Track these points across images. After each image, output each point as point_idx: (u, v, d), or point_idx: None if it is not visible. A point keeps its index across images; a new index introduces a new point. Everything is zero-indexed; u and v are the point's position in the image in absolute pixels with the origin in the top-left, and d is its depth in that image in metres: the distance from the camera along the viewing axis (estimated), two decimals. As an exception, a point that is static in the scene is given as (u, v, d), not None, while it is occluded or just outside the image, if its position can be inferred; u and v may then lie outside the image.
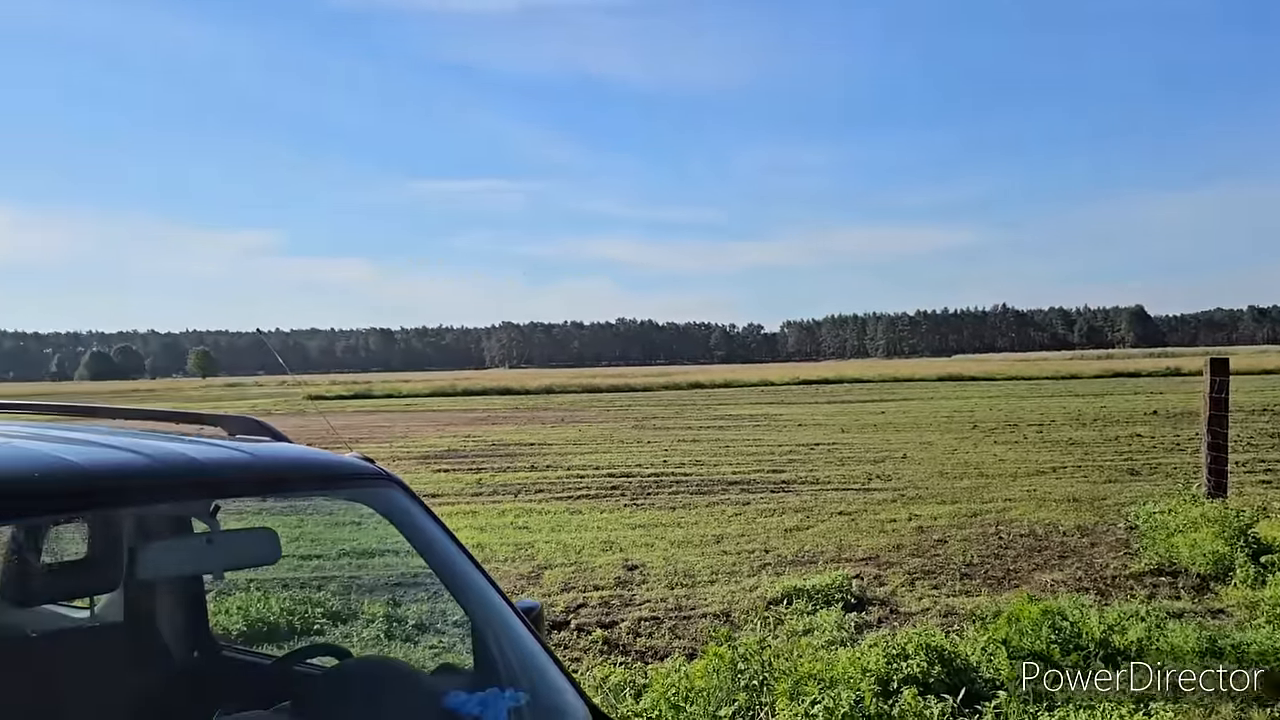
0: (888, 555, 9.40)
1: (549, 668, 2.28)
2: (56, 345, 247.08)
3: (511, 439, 23.19)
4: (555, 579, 8.67)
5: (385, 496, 2.32)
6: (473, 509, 12.59)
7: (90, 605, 2.81)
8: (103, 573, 2.55)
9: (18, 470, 1.74)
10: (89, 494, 1.79)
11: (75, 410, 3.16)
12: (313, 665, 2.63)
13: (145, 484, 1.89)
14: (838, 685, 4.97)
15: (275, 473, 2.18)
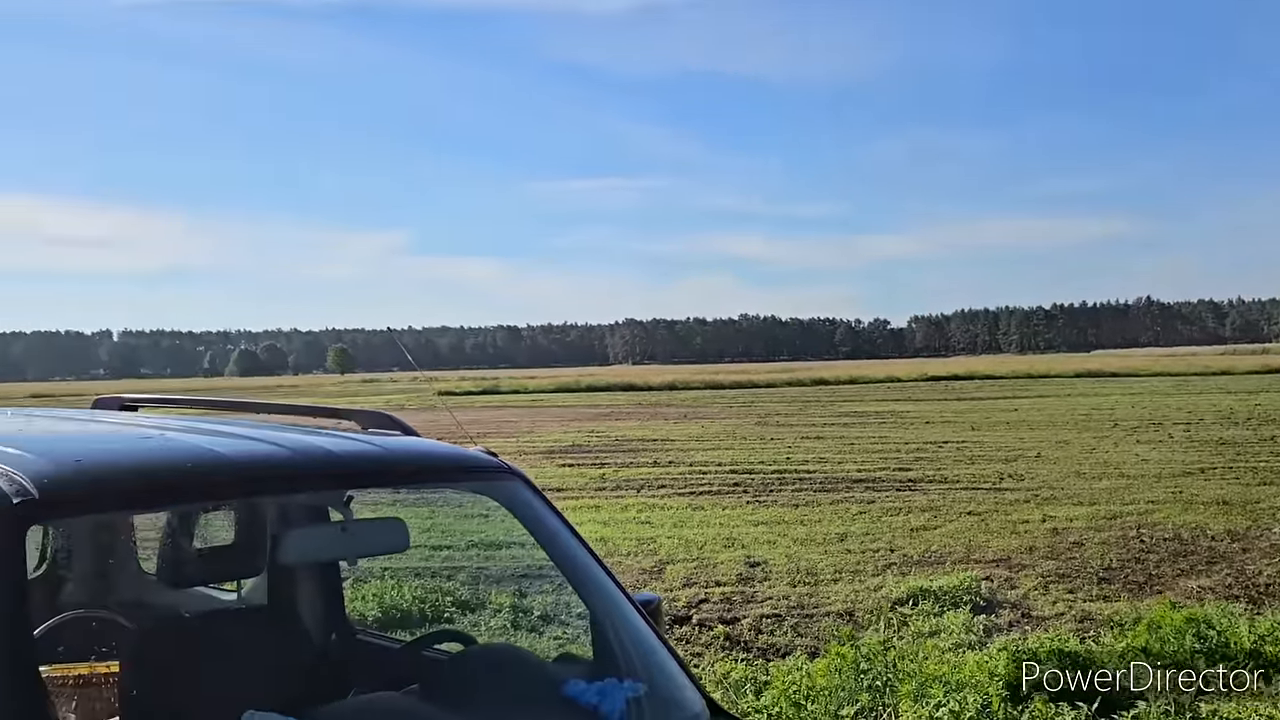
0: (1019, 557, 9.11)
1: (667, 661, 2.30)
2: (208, 344, 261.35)
3: (635, 435, 23.38)
4: (677, 574, 8.71)
5: (508, 490, 2.39)
6: (596, 504, 12.76)
7: (238, 588, 2.98)
8: (248, 558, 2.70)
9: (172, 462, 1.87)
10: (235, 484, 1.91)
11: (222, 405, 3.36)
12: (439, 650, 2.73)
13: (286, 475, 2.00)
14: (964, 689, 4.86)
15: (404, 465, 2.28)
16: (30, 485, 1.60)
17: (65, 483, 1.67)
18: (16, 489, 1.59)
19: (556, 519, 2.43)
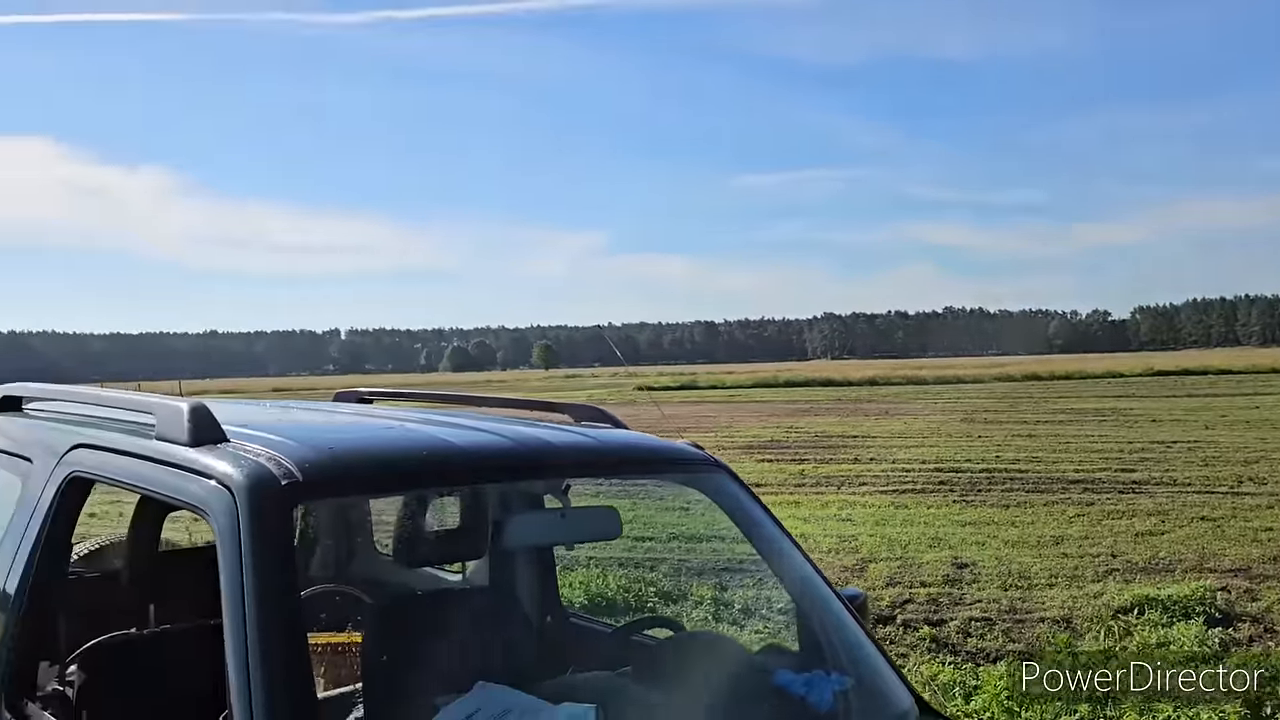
0: (1262, 567, 8.38)
1: (874, 656, 2.30)
2: (424, 341, 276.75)
3: (834, 430, 23.05)
4: (880, 573, 8.55)
5: (715, 482, 2.46)
6: (795, 499, 12.68)
7: (462, 570, 3.19)
8: (472, 541, 2.88)
9: (413, 450, 2.05)
10: (467, 471, 2.07)
11: (447, 398, 3.59)
12: (647, 636, 2.83)
13: (510, 464, 2.15)
14: (1197, 704, 4.55)
15: (616, 456, 2.38)
16: (294, 469, 1.79)
17: (323, 467, 1.85)
18: (284, 472, 1.78)
19: (762, 512, 2.47)
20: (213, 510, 1.78)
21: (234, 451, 1.88)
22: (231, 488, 1.75)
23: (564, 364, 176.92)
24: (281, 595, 1.65)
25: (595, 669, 2.48)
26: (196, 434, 1.93)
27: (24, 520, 2.29)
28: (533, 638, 2.95)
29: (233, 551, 1.68)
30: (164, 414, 2.05)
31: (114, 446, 2.17)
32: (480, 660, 2.61)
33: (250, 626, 1.58)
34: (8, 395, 2.86)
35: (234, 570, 1.66)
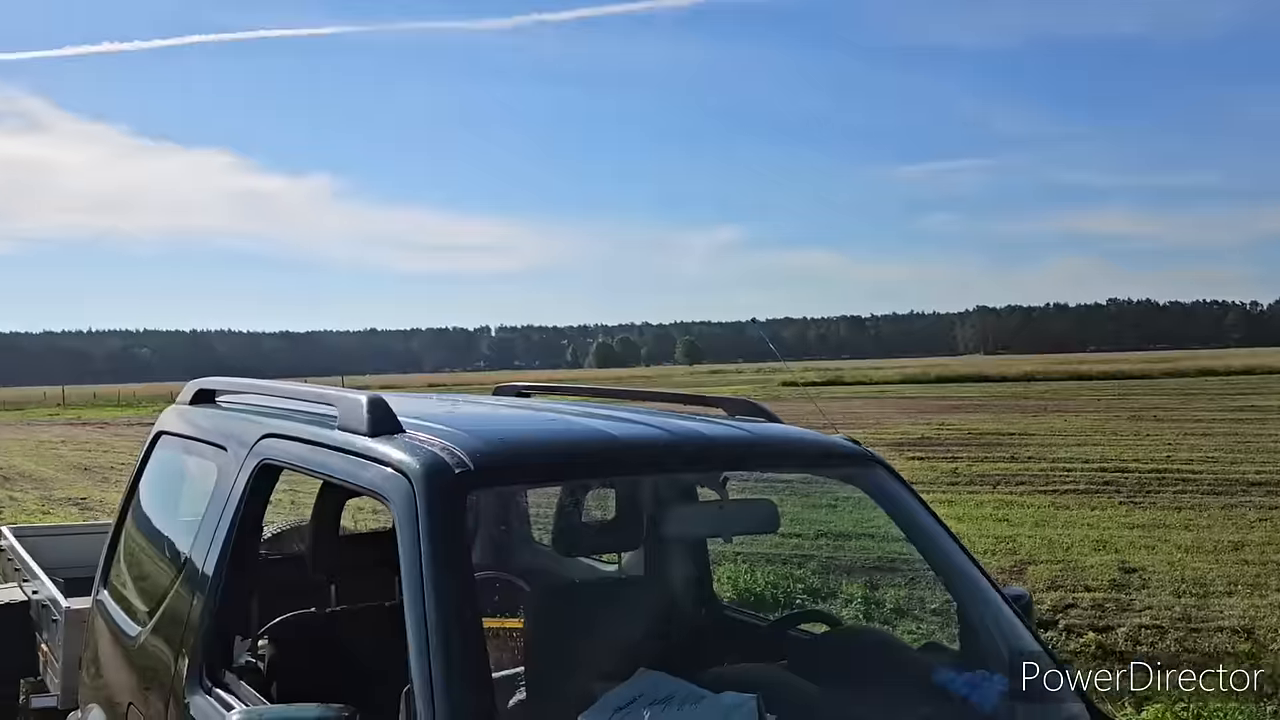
0: None
1: (1042, 658, 2.23)
2: (570, 337, 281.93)
3: (988, 428, 22.26)
4: (1040, 576, 8.24)
5: (873, 478, 2.43)
6: (949, 498, 12.33)
7: (618, 560, 3.25)
8: (628, 532, 2.93)
9: (576, 441, 2.11)
10: (627, 463, 2.12)
11: (602, 392, 3.67)
12: (802, 630, 2.83)
13: (668, 456, 2.19)
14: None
15: (773, 450, 2.39)
16: (467, 458, 1.88)
17: (493, 457, 1.94)
18: (457, 461, 1.87)
19: (922, 509, 2.43)
20: (391, 496, 1.88)
21: (410, 442, 1.98)
22: (409, 475, 1.85)
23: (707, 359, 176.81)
24: (459, 578, 1.73)
25: (751, 661, 2.49)
26: (375, 425, 2.05)
27: (220, 505, 2.48)
28: (688, 629, 2.98)
29: (411, 536, 1.77)
30: (345, 406, 2.18)
31: (299, 436, 2.31)
32: (637, 649, 2.66)
33: (429, 607, 1.67)
34: (202, 389, 3.08)
35: (413, 554, 1.75)
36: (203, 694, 2.22)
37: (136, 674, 2.68)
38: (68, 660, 4.55)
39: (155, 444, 3.18)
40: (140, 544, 3.11)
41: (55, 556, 5.75)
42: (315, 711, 1.60)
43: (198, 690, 2.24)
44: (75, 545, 6.26)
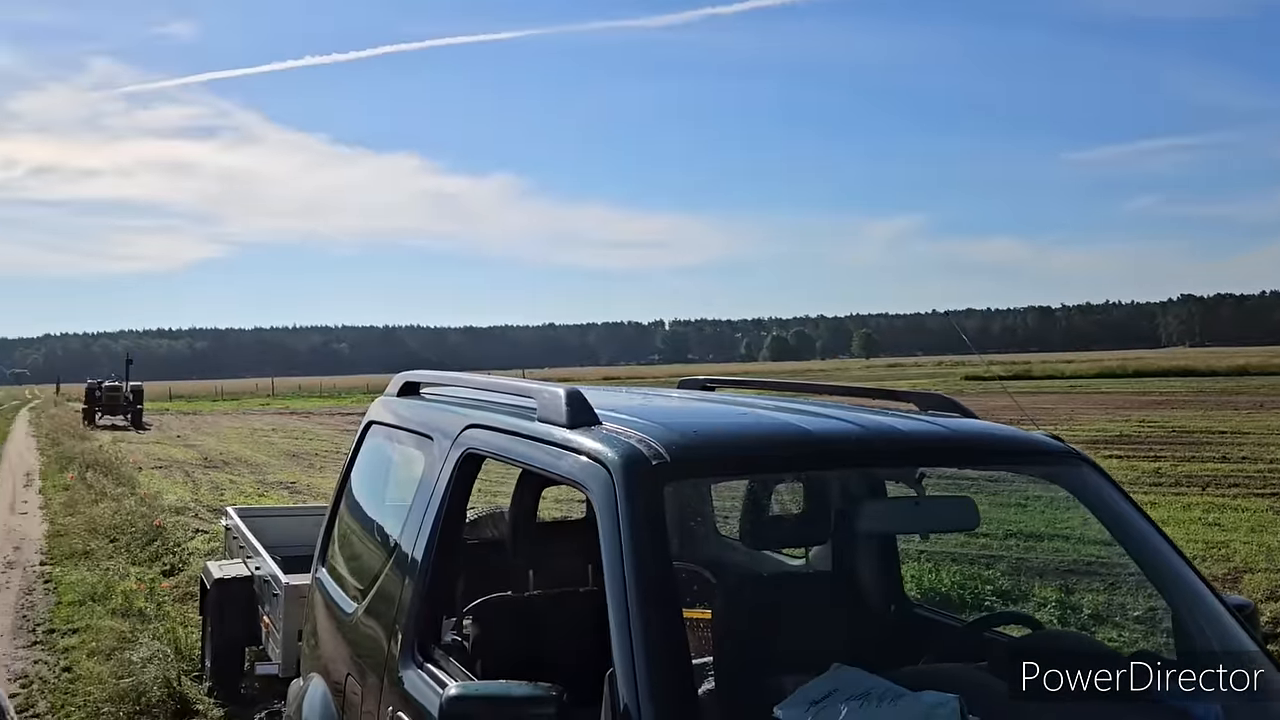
0: None
1: (1270, 670, 2.08)
2: (744, 330, 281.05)
3: (1196, 425, 20.76)
4: (1258, 585, 7.64)
5: (1079, 477, 2.33)
6: (1151, 500, 11.59)
7: (805, 554, 3.24)
8: (815, 527, 2.92)
9: (768, 434, 2.12)
10: (819, 456, 2.11)
11: (787, 386, 3.65)
12: (998, 632, 2.73)
13: (861, 450, 2.17)
14: None
15: (972, 446, 2.32)
16: (663, 450, 1.92)
17: (688, 449, 1.97)
18: (653, 453, 1.91)
19: (1133, 510, 2.31)
20: (591, 486, 1.95)
21: (607, 434, 2.04)
22: (608, 466, 1.91)
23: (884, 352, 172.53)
24: (659, 567, 1.77)
25: (945, 662, 2.43)
26: (573, 416, 2.12)
27: (427, 492, 2.62)
28: (877, 626, 2.94)
29: (611, 525, 1.83)
30: (544, 398, 2.27)
31: (501, 427, 2.42)
32: (827, 643, 2.64)
33: (630, 594, 1.72)
34: (408, 382, 3.27)
35: (613, 542, 1.80)
36: (415, 669, 2.36)
37: (353, 648, 2.87)
38: (287, 632, 4.93)
39: (366, 433, 3.39)
40: (353, 527, 3.33)
41: (273, 536, 6.23)
42: (526, 690, 1.68)
43: (410, 665, 2.38)
44: (290, 526, 6.77)
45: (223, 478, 16.93)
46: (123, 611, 7.30)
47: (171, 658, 5.93)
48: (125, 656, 5.94)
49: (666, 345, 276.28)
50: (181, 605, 7.42)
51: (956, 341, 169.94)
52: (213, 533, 9.95)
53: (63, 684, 5.88)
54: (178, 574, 8.53)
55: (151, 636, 6.44)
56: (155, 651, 5.95)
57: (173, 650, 6.12)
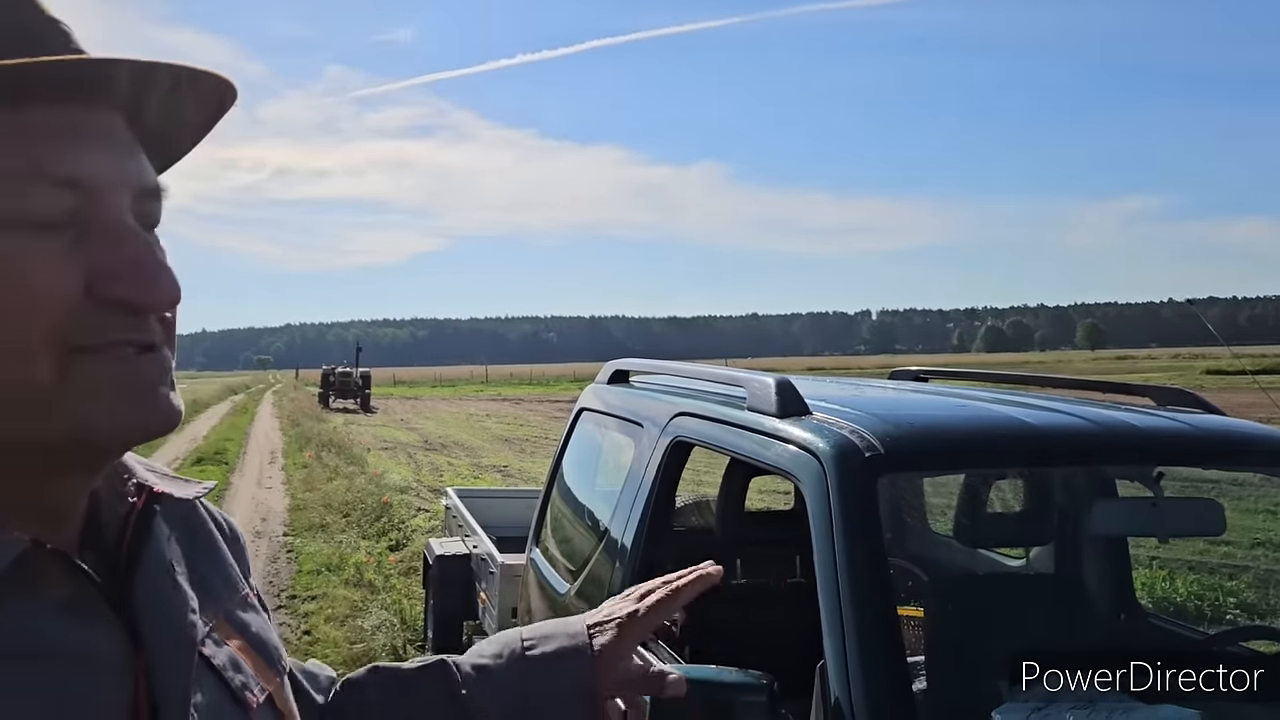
0: None
1: None
2: (956, 320, 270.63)
3: None
4: None
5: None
6: None
7: (1025, 555, 3.09)
8: (1037, 526, 2.78)
9: (988, 427, 2.03)
10: (1043, 452, 2.00)
11: (1006, 379, 3.49)
12: (1246, 648, 2.52)
13: (1091, 446, 2.03)
14: None
15: (1214, 444, 2.14)
16: (876, 442, 1.87)
17: (903, 441, 1.91)
18: (867, 444, 1.87)
19: None
20: (802, 477, 1.92)
21: (818, 424, 2.01)
22: (820, 457, 1.88)
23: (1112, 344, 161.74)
24: (871, 561, 1.73)
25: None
26: (783, 405, 2.10)
27: (637, 478, 2.67)
28: (1105, 633, 2.77)
29: (823, 516, 1.80)
30: (754, 387, 2.26)
31: (710, 415, 2.43)
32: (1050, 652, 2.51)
33: (843, 587, 1.69)
34: (618, 370, 3.34)
35: (824, 534, 1.78)
36: (625, 650, 2.41)
37: (565, 626, 2.97)
38: (502, 608, 5.16)
39: (578, 420, 3.49)
40: (565, 511, 3.44)
41: (488, 516, 6.54)
42: (737, 675, 1.67)
43: (620, 646, 2.44)
44: (504, 507, 7.08)
45: (441, 460, 17.89)
46: (354, 582, 7.86)
47: (398, 627, 6.35)
48: (357, 624, 6.41)
49: (873, 335, 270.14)
50: (406, 579, 7.89)
51: (1194, 332, 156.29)
52: (433, 511, 10.54)
53: (304, 645, 6.39)
54: (402, 549, 9.09)
55: (380, 606, 6.92)
56: (383, 620, 6.39)
57: (399, 620, 6.54)
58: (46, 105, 0.61)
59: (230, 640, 0.74)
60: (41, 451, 0.61)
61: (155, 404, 0.63)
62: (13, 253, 0.59)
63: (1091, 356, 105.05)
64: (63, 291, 0.60)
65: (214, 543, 0.81)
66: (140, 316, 0.63)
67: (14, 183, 0.59)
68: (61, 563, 0.62)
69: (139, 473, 0.74)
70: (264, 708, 0.74)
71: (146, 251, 0.63)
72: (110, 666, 0.63)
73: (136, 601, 0.66)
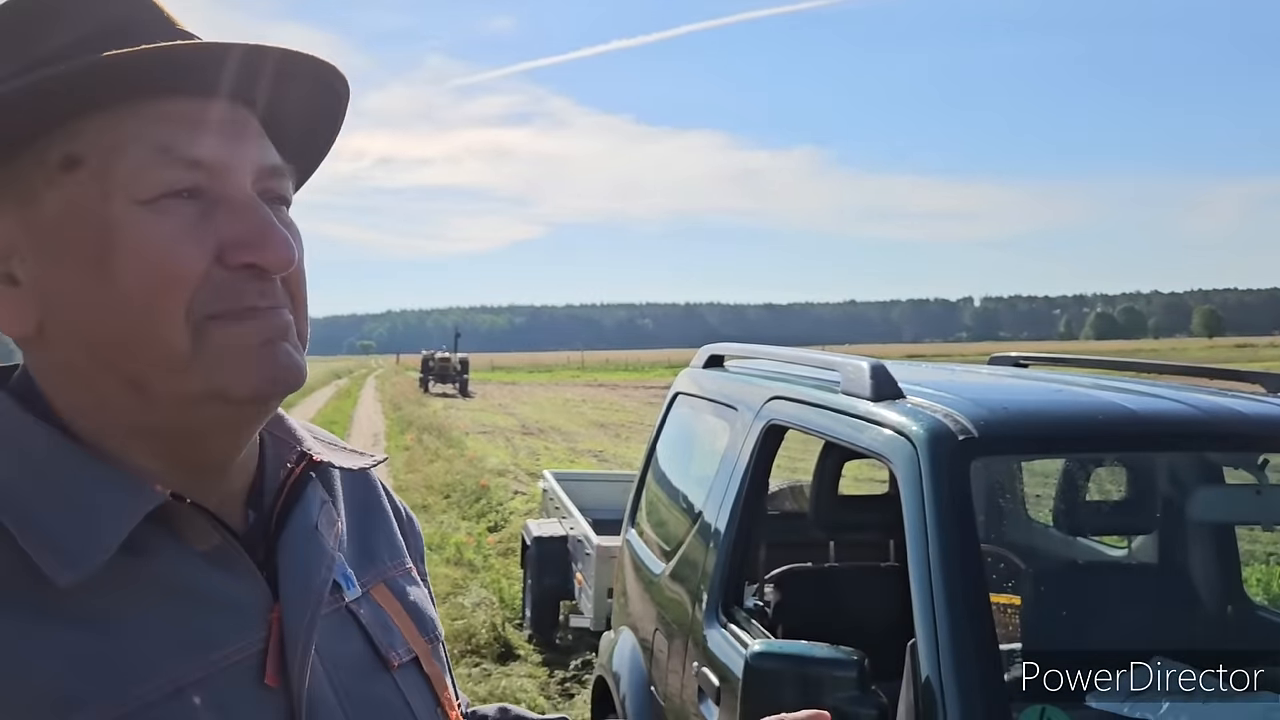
0: None
1: None
2: (1063, 307, 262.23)
3: None
4: None
5: None
6: None
7: (1126, 544, 3.03)
8: (1139, 514, 2.73)
9: (1086, 412, 2.01)
10: (1145, 438, 1.98)
11: (1111, 365, 3.41)
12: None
13: (1195, 432, 2.00)
14: None
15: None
16: (970, 425, 1.88)
17: (998, 425, 1.92)
18: (960, 428, 1.88)
19: None
20: (895, 460, 1.94)
21: (911, 407, 2.02)
22: (913, 440, 1.90)
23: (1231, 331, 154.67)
24: (964, 545, 1.75)
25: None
26: (878, 390, 2.12)
27: (731, 461, 2.72)
28: (1211, 625, 2.71)
29: (915, 499, 1.82)
30: (848, 371, 2.28)
31: (804, 399, 2.46)
32: (1150, 639, 2.48)
33: (934, 570, 1.71)
34: (713, 354, 3.38)
35: (917, 517, 1.80)
36: (718, 628, 2.47)
37: (659, 606, 3.04)
38: (598, 588, 5.27)
39: (673, 404, 3.55)
40: (660, 493, 3.50)
41: (584, 499, 6.66)
42: (829, 651, 1.71)
43: (714, 625, 2.49)
44: (600, 491, 7.20)
45: (538, 444, 18.18)
46: (455, 561, 8.09)
47: (497, 605, 6.52)
48: (458, 601, 6.60)
49: (975, 322, 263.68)
50: (504, 559, 8.09)
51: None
52: (530, 494, 10.75)
53: (409, 620, 6.61)
54: (500, 530, 9.30)
55: (479, 585, 7.12)
56: (483, 599, 6.57)
57: (498, 599, 6.72)
58: (171, 92, 0.67)
59: (386, 604, 0.82)
60: (182, 411, 0.68)
61: (280, 361, 0.69)
62: (152, 228, 0.66)
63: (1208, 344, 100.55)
64: (196, 262, 0.66)
65: (384, 515, 0.90)
66: (265, 281, 0.69)
67: (150, 165, 0.66)
68: (209, 518, 0.70)
69: (306, 441, 0.81)
70: (408, 667, 0.81)
71: (266, 219, 0.68)
72: (249, 613, 0.70)
73: (279, 558, 0.74)
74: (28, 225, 0.67)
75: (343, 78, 0.75)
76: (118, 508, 0.65)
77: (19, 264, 0.68)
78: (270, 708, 0.69)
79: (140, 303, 0.66)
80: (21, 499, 0.65)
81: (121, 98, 0.67)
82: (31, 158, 0.67)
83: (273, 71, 0.71)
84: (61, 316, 0.67)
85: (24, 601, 0.62)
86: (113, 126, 0.67)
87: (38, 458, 0.67)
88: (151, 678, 0.64)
